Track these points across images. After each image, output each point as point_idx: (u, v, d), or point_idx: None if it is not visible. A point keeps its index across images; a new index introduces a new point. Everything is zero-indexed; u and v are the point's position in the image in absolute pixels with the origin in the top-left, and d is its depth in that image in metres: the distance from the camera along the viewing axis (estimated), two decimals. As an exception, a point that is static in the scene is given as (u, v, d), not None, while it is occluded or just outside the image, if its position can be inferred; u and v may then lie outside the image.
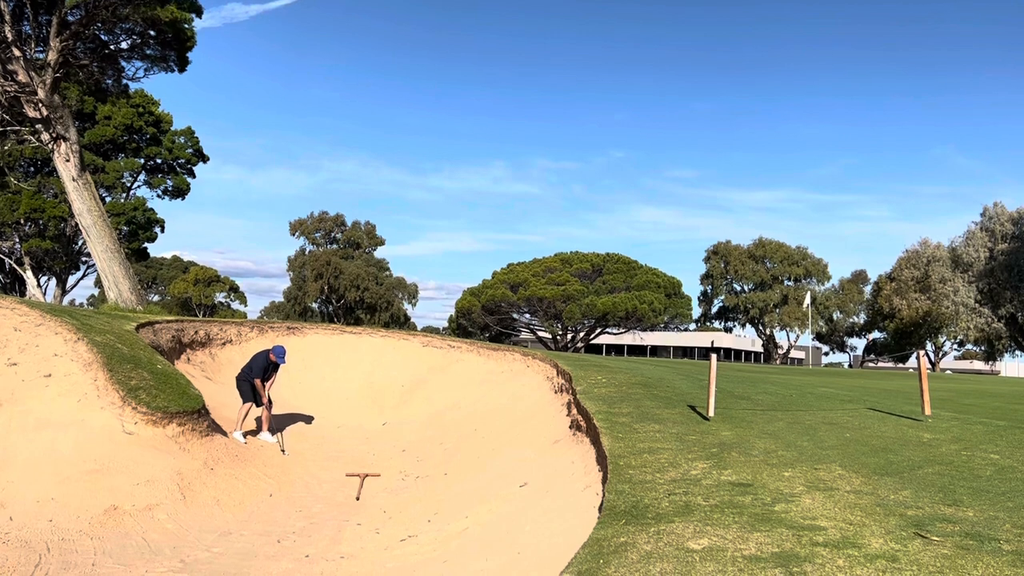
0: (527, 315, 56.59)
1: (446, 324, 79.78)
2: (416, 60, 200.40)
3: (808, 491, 5.51)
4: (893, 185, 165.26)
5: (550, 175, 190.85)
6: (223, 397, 12.90)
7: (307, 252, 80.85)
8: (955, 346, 71.66)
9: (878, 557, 3.96)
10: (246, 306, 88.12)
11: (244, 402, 11.99)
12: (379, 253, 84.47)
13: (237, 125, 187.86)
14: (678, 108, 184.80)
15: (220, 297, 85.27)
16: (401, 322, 79.07)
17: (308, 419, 13.85)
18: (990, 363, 67.19)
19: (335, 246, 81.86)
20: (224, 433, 10.65)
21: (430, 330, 77.15)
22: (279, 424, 12.86)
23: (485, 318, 54.89)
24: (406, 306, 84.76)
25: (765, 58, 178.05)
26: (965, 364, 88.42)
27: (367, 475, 10.53)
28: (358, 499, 9.57)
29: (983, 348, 59.62)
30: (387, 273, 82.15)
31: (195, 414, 9.85)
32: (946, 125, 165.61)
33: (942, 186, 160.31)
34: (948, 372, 62.75)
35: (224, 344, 16.20)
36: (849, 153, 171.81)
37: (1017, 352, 58.28)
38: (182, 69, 21.55)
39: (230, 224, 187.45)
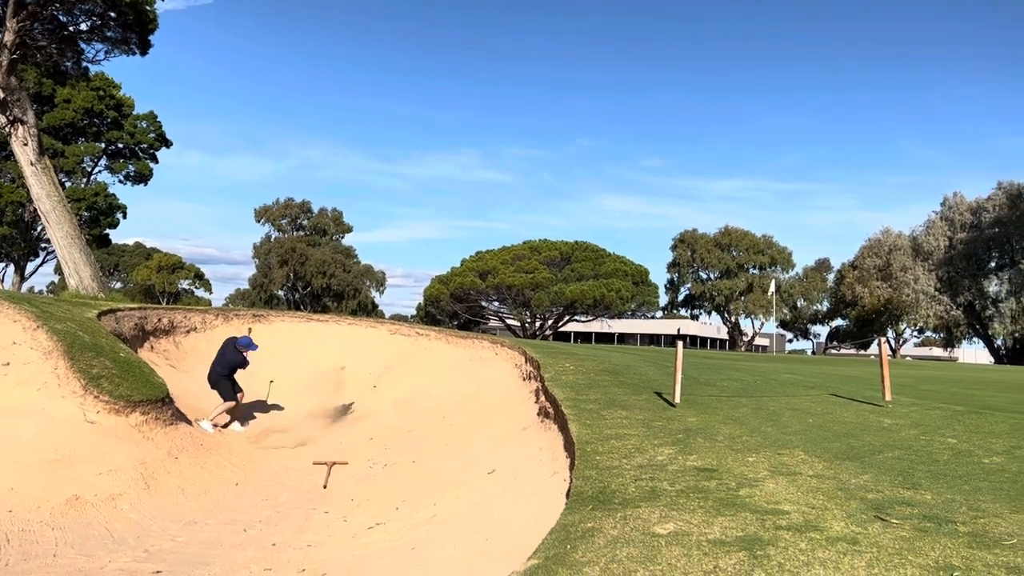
0: (496, 303, 56.61)
1: (414, 312, 79.59)
2: (385, 46, 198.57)
3: (772, 476, 5.60)
4: (857, 175, 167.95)
5: (520, 163, 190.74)
6: (187, 385, 12.75)
7: (273, 239, 79.97)
8: (915, 333, 73.13)
9: (839, 540, 4.04)
10: (211, 293, 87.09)
11: (227, 400, 11.92)
12: (346, 240, 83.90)
13: (201, 109, 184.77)
14: (647, 97, 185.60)
15: (184, 284, 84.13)
16: (369, 310, 78.66)
17: (275, 407, 13.74)
18: (948, 350, 68.74)
19: (301, 233, 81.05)
20: (189, 422, 10.53)
21: (398, 318, 76.91)
22: (245, 411, 12.76)
23: (454, 306, 54.81)
24: (374, 294, 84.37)
25: (733, 49, 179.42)
26: (924, 351, 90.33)
27: (334, 463, 10.48)
28: (325, 487, 9.53)
29: (942, 335, 60.91)
30: (354, 260, 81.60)
31: (159, 403, 9.72)
32: (908, 117, 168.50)
33: (904, 176, 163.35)
34: (908, 359, 64.06)
35: (188, 332, 15.99)
36: (814, 143, 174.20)
37: (974, 339, 59.65)
38: (144, 52, 21.10)
39: (194, 210, 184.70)
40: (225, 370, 12.16)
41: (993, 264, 53.82)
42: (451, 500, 7.88)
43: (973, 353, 71.95)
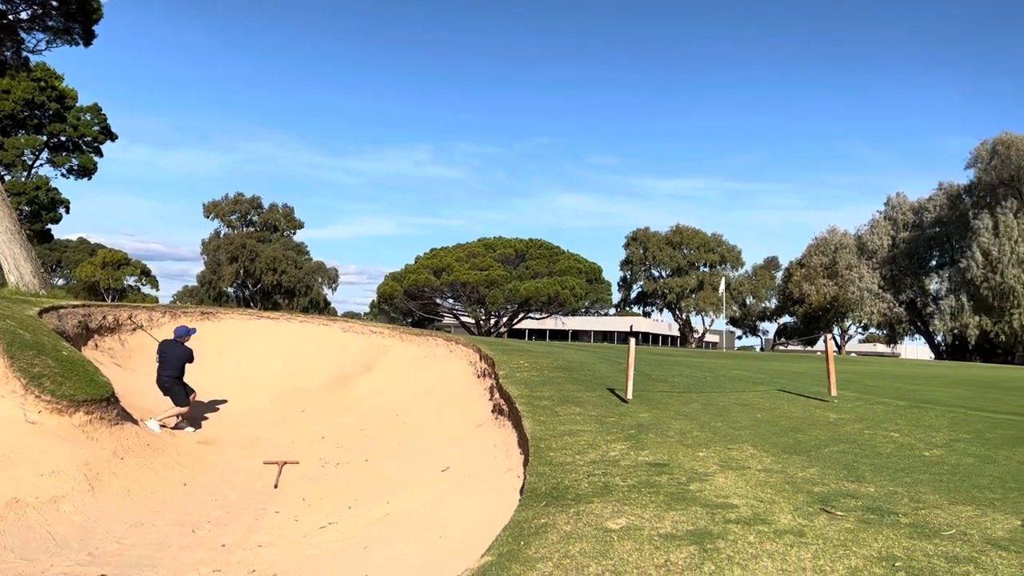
0: (450, 300, 56.48)
1: (367, 309, 79.01)
2: (336, 40, 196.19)
3: (721, 470, 5.69)
4: (803, 175, 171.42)
5: (473, 159, 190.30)
6: (134, 384, 12.46)
7: (222, 235, 78.50)
8: (859, 330, 74.96)
9: (786, 532, 4.13)
10: (158, 290, 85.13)
11: (180, 405, 11.65)
12: (298, 236, 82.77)
13: (148, 103, 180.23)
14: (599, 96, 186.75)
15: (130, 281, 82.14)
16: (321, 307, 77.78)
17: (224, 406, 13.50)
18: (891, 346, 70.72)
19: (251, 229, 79.71)
20: (135, 421, 10.29)
21: (351, 315, 76.22)
22: (193, 411, 12.51)
23: (407, 303, 54.50)
24: (326, 291, 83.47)
25: (684, 48, 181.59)
26: (868, 347, 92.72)
27: (285, 462, 10.35)
28: (276, 487, 9.40)
29: (885, 332, 62.61)
30: (306, 257, 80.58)
31: (103, 402, 9.47)
32: (852, 118, 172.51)
33: (849, 176, 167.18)
34: (853, 355, 65.66)
35: (134, 330, 15.63)
36: (762, 144, 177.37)
37: (916, 335, 61.42)
38: (88, 42, 20.52)
39: (141, 205, 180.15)
40: (176, 372, 11.86)
41: (934, 263, 55.49)
42: (404, 498, 7.84)
43: (915, 349, 74.15)
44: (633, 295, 79.78)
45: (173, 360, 11.92)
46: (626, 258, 78.35)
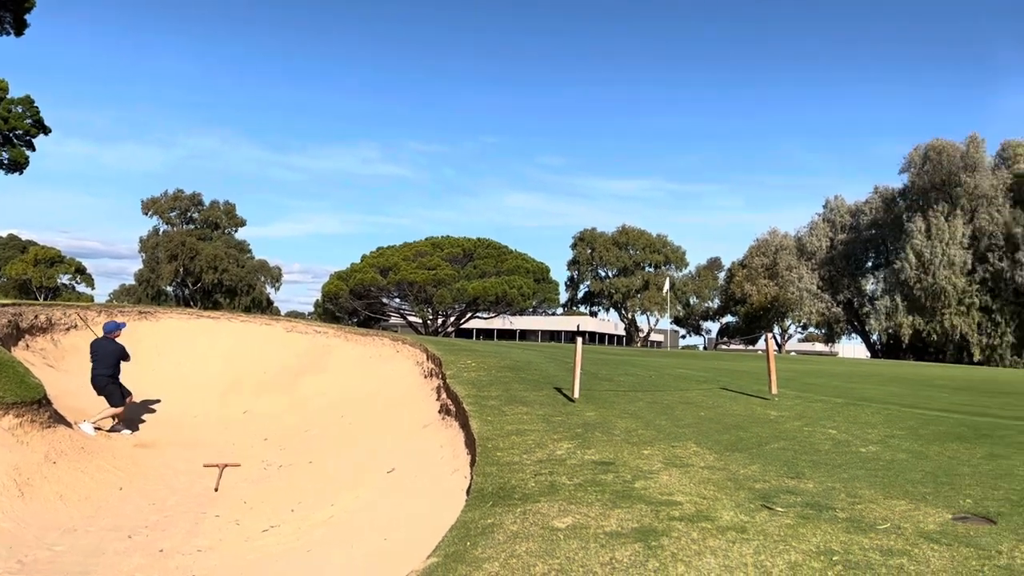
0: (397, 300, 56.04)
1: (312, 309, 77.90)
2: (280, 34, 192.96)
3: (666, 468, 5.76)
4: (745, 176, 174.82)
5: (420, 158, 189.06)
6: (67, 385, 12.05)
7: (161, 232, 76.56)
8: (799, 329, 76.88)
9: (729, 529, 4.20)
10: (93, 289, 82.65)
11: (115, 406, 11.27)
12: (240, 234, 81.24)
13: (84, 96, 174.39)
14: (546, 96, 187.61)
15: (64, 279, 79.55)
16: (264, 306, 76.48)
17: (162, 408, 13.16)
18: (829, 345, 72.63)
19: (192, 226, 77.92)
20: (69, 424, 9.95)
21: (295, 315, 75.12)
22: (129, 413, 12.16)
23: (353, 303, 53.90)
24: (269, 290, 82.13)
25: (629, 49, 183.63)
26: (807, 346, 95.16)
27: (226, 465, 10.13)
28: (216, 490, 9.20)
29: (824, 331, 64.26)
30: (248, 255, 79.12)
31: (34, 404, 9.13)
32: (791, 121, 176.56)
33: (789, 178, 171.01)
34: (792, 353, 67.30)
35: (68, 330, 15.11)
36: (705, 146, 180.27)
37: (853, 335, 63.21)
38: (19, 32, 19.82)
39: (76, 201, 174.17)
40: (109, 369, 11.49)
41: (870, 264, 57.18)
42: (349, 500, 7.75)
43: (852, 348, 76.28)
44: (580, 295, 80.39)
45: (105, 357, 11.53)
46: (573, 258, 78.91)
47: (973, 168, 47.96)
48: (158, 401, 13.31)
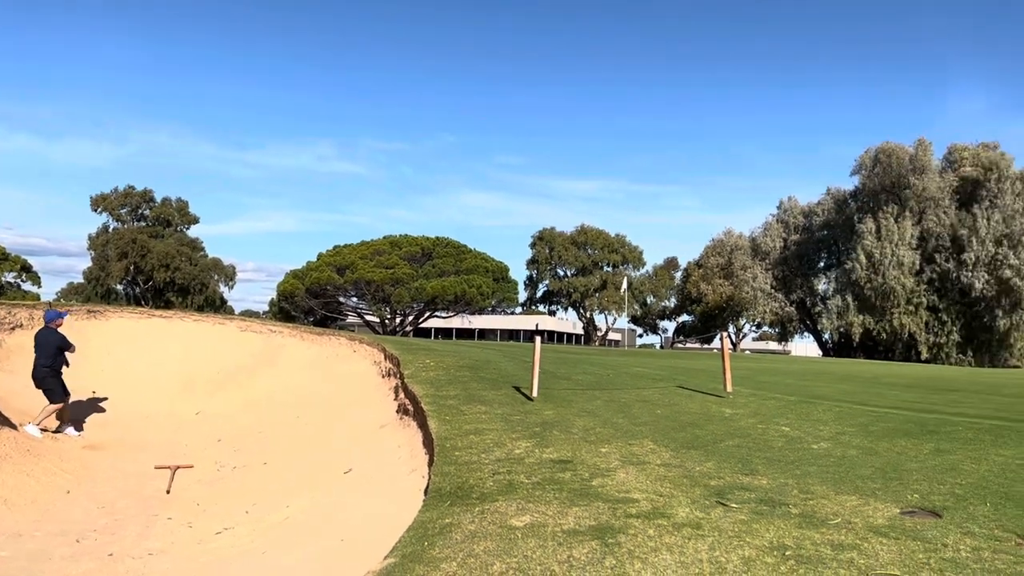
0: (354, 299, 55.53)
1: (267, 308, 76.87)
2: (234, 29, 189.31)
3: (623, 466, 5.80)
4: (702, 177, 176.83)
5: (378, 155, 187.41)
6: (12, 386, 11.71)
7: (111, 229, 74.72)
8: (753, 328, 78.08)
9: (684, 525, 4.24)
10: (40, 287, 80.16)
11: (55, 401, 10.89)
12: (193, 232, 79.65)
13: (32, 89, 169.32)
14: (507, 95, 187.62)
15: (8, 277, 77.10)
16: (217, 305, 75.21)
17: (112, 409, 12.85)
18: (783, 343, 73.92)
19: (143, 223, 76.19)
20: (13, 426, 9.67)
21: (249, 314, 73.92)
22: (77, 414, 11.86)
23: (309, 302, 53.28)
24: (223, 288, 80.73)
25: (589, 50, 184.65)
26: (761, 344, 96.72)
27: (178, 467, 9.93)
28: (168, 492, 9.02)
29: (777, 330, 65.33)
30: (202, 253, 77.65)
31: (-24, 407, 8.86)
32: (747, 124, 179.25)
33: (744, 180, 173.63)
34: (747, 352, 68.32)
35: (13, 329, 14.67)
36: (663, 147, 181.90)
37: (805, 333, 64.43)
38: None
39: (22, 197, 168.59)
40: (49, 360, 11.03)
41: (822, 264, 58.32)
42: (305, 502, 7.66)
43: (804, 347, 77.75)
44: (539, 294, 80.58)
45: (46, 347, 11.10)
46: (532, 257, 79.09)
47: (921, 171, 49.24)
48: (108, 401, 13.00)
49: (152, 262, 70.09)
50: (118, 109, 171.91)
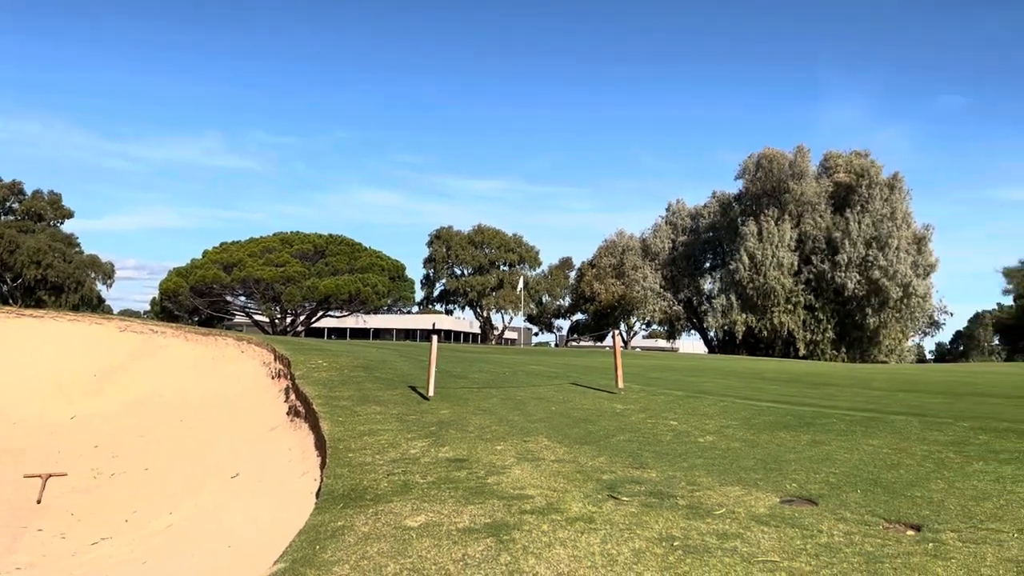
0: (243, 298, 53.71)
1: (148, 307, 73.39)
2: (106, 10, 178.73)
3: (518, 462, 5.85)
4: (595, 179, 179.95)
5: (268, 150, 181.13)
6: None
7: (-25, 223, 69.57)
8: (643, 326, 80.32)
9: (577, 519, 4.32)
10: None
11: None
12: (68, 227, 75.12)
13: None
14: (405, 93, 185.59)
15: None
16: (94, 305, 71.26)
17: (-26, 416, 11.98)
18: (671, 341, 76.53)
19: (11, 217, 71.31)
20: None
21: (129, 313, 70.46)
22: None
23: (194, 300, 51.16)
24: (100, 287, 76.53)
25: (484, 48, 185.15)
26: (651, 342, 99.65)
27: (50, 475, 9.35)
28: (39, 502, 8.49)
29: (666, 328, 67.50)
30: (77, 250, 73.40)
31: None
32: (637, 127, 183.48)
33: (636, 182, 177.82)
34: (637, 349, 70.23)
35: None
36: (558, 148, 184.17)
37: (692, 331, 66.81)
38: None
39: None
40: None
41: (708, 264, 60.68)
42: (189, 508, 7.36)
43: (691, 344, 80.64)
44: (436, 293, 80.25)
45: None
46: (429, 256, 78.67)
47: (800, 176, 51.96)
48: (-31, 408, 12.12)
49: (21, 259, 65.66)
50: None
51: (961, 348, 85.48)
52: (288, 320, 53.61)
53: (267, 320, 53.40)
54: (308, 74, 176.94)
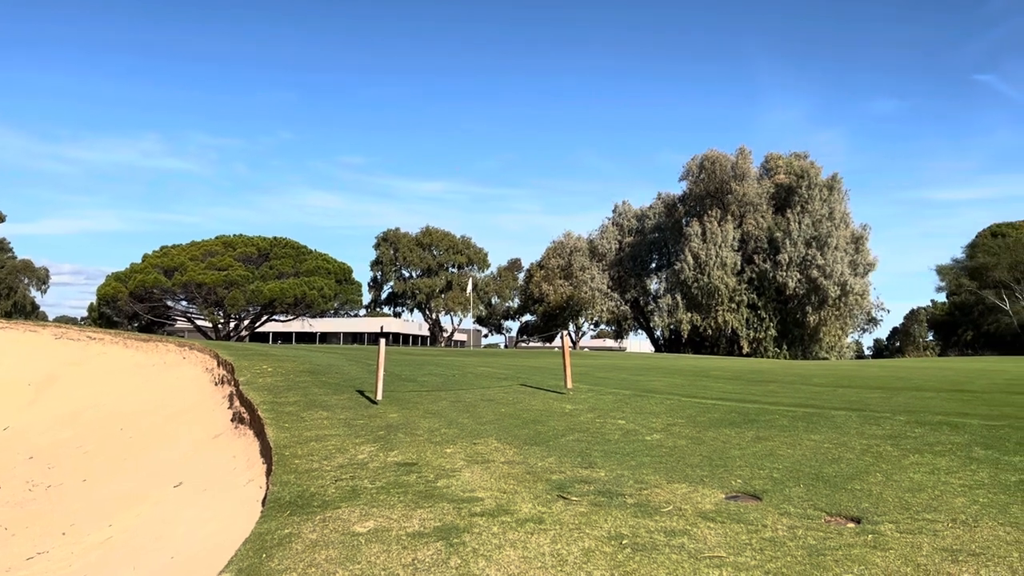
0: (184, 302, 52.49)
1: (86, 313, 71.22)
2: (38, 4, 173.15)
3: (468, 465, 5.84)
4: (543, 181, 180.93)
5: (209, 152, 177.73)
6: None
7: (-102, 228, 66.67)
8: (592, 326, 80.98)
9: (527, 520, 4.33)
10: None
11: None
12: (-1, 231, 72.53)
13: None
14: (349, 94, 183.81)
15: None
16: (28, 311, 68.89)
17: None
18: (619, 340, 77.32)
19: (-62, 221, 68.50)
20: None
21: (65, 320, 68.29)
22: None
23: (134, 306, 49.84)
24: (34, 293, 74.10)
25: (434, 49, 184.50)
26: (599, 342, 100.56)
27: (-18, 490, 9.01)
28: (-31, 519, 8.15)
29: (614, 327, 68.25)
30: (9, 255, 70.88)
31: None
32: (584, 129, 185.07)
33: (583, 184, 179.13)
34: (586, 349, 70.74)
35: None
36: (506, 150, 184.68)
37: (639, 331, 67.67)
38: None
39: None
40: None
41: (654, 265, 61.55)
42: (130, 519, 7.16)
43: (638, 343, 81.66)
44: (384, 296, 79.66)
45: None
46: (376, 258, 78.05)
47: (742, 177, 53.05)
48: None
49: (-52, 264, 63.17)
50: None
51: (898, 344, 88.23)
52: (232, 325, 52.59)
53: (210, 325, 52.31)
54: (249, 74, 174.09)
